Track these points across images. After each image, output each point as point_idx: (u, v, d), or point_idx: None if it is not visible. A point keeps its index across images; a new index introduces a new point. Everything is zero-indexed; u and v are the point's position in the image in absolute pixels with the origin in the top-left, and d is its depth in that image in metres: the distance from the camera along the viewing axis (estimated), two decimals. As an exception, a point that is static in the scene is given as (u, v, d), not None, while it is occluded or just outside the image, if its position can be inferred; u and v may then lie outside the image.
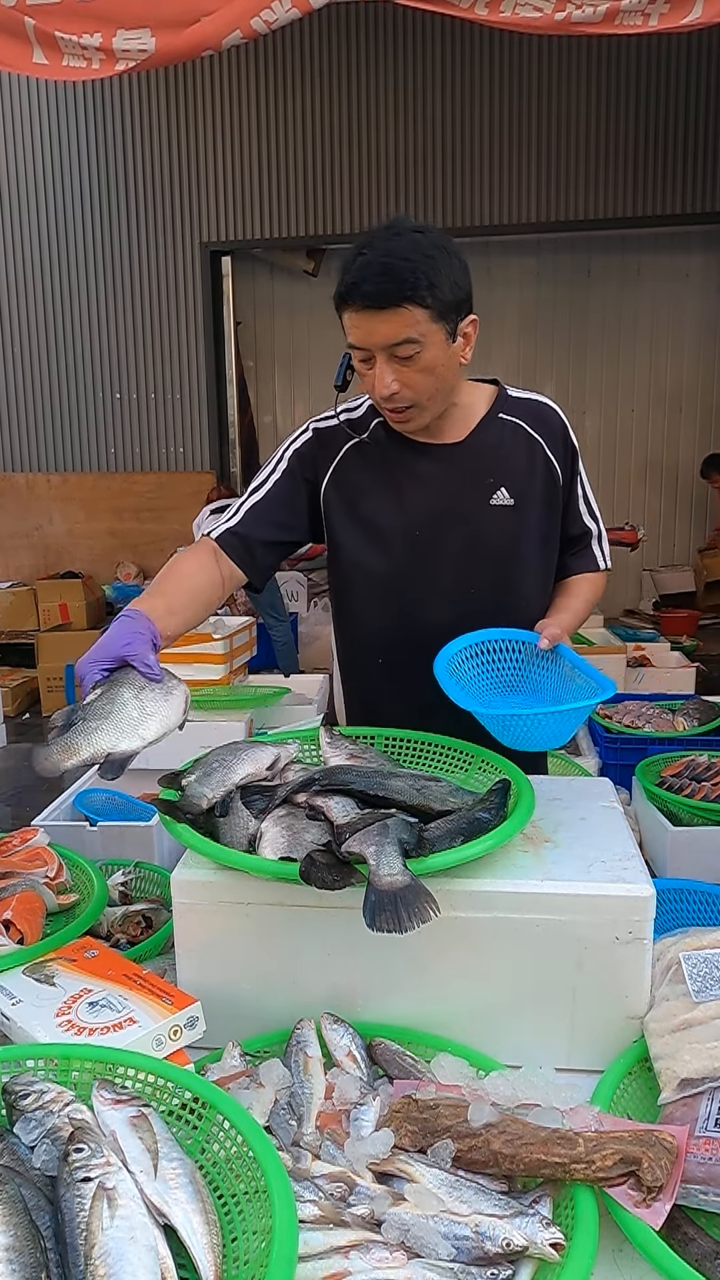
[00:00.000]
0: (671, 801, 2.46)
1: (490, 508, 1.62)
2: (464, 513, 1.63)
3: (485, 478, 1.63)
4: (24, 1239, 0.79)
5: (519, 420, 1.65)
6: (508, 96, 7.03)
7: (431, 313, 1.45)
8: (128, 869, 1.78)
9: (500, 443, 1.64)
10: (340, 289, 1.47)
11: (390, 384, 1.49)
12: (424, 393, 1.52)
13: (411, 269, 1.42)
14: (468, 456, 1.63)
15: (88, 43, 3.45)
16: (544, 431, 1.65)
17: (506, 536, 1.63)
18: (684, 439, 8.17)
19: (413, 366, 1.48)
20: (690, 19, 3.12)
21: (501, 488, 1.62)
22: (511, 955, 1.17)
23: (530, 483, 1.64)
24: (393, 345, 1.46)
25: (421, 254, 1.44)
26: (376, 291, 1.43)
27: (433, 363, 1.49)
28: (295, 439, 1.72)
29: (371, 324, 1.46)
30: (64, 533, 8.00)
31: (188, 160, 7.39)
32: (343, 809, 1.26)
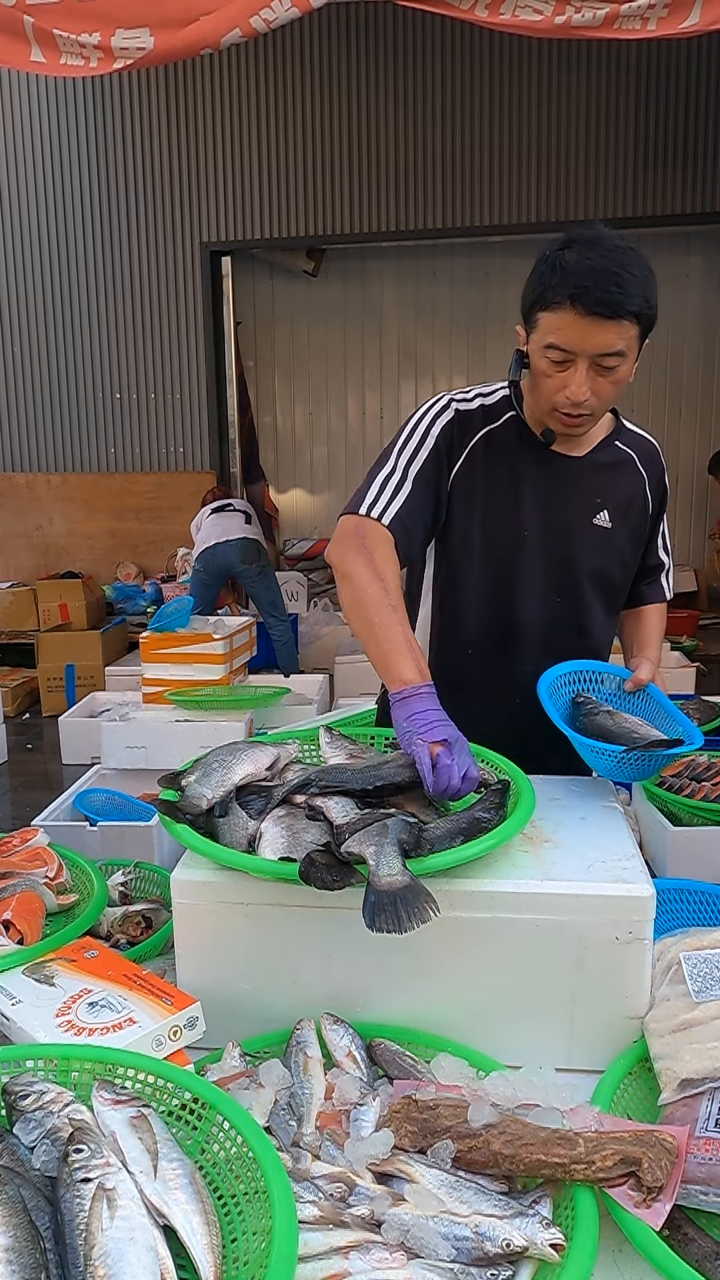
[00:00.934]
0: (671, 801, 2.45)
1: (592, 525, 1.69)
2: (569, 525, 1.69)
3: (594, 497, 1.69)
4: (24, 1239, 0.79)
5: (632, 452, 1.73)
6: (508, 97, 7.02)
7: (640, 329, 1.48)
8: (128, 869, 1.78)
9: (613, 468, 1.71)
10: (562, 289, 1.45)
11: (584, 391, 1.50)
12: (606, 404, 1.57)
13: (639, 284, 1.44)
14: (584, 473, 1.69)
15: (86, 41, 3.44)
16: (649, 469, 1.75)
17: (598, 555, 1.70)
18: (684, 439, 8.16)
19: (608, 378, 1.51)
20: (688, 24, 3.13)
21: (605, 510, 1.69)
22: (511, 955, 1.17)
23: (628, 512, 1.72)
24: (603, 355, 1.47)
25: (645, 270, 1.47)
26: (608, 299, 1.42)
27: (624, 377, 1.53)
28: (438, 415, 1.68)
29: (590, 330, 1.45)
30: (64, 533, 8.00)
31: (188, 160, 7.38)
32: (342, 809, 1.26)
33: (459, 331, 8.06)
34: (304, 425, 8.71)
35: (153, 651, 3.59)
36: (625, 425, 1.76)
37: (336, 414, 8.56)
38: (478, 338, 7.98)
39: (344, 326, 8.25)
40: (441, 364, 8.13)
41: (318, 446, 8.76)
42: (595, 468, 1.69)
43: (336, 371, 8.43)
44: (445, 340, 8.11)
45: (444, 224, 7.21)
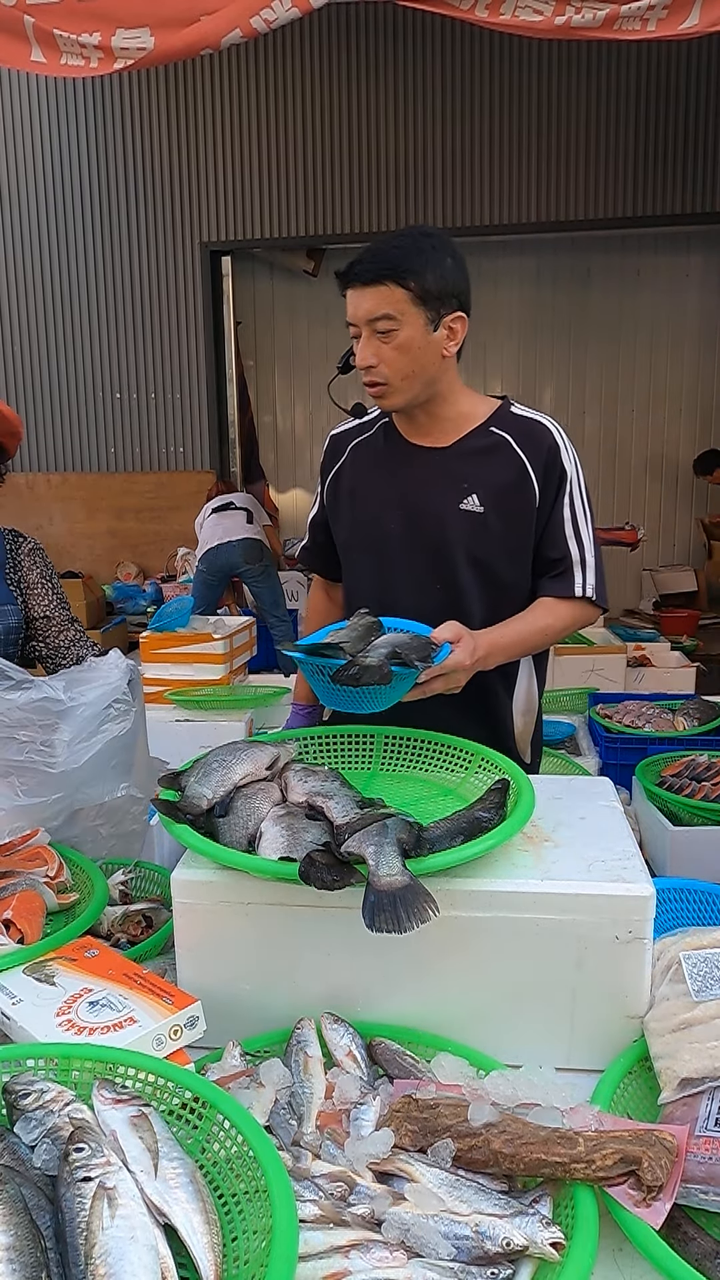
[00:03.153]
0: (671, 801, 2.46)
1: (459, 511, 1.72)
2: (436, 513, 1.74)
3: (460, 482, 1.73)
4: (24, 1238, 0.79)
5: (508, 436, 1.74)
6: (508, 97, 7.02)
7: (411, 295, 1.60)
8: (128, 869, 1.78)
9: (483, 452, 1.73)
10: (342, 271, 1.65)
11: (369, 357, 1.64)
12: (398, 371, 1.65)
13: (401, 253, 1.60)
14: (449, 461, 1.74)
15: (86, 41, 3.44)
16: (530, 450, 1.73)
17: (466, 540, 1.73)
18: (684, 438, 8.16)
19: (390, 343, 1.63)
20: (687, 25, 3.14)
21: (474, 494, 1.72)
22: (511, 955, 1.17)
23: (504, 495, 1.72)
24: (373, 320, 1.62)
25: (413, 244, 1.61)
26: (364, 269, 1.61)
27: (408, 343, 1.63)
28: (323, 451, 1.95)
29: (358, 299, 1.63)
30: (64, 533, 8.00)
31: (188, 160, 7.38)
32: (342, 809, 1.26)
33: (459, 331, 8.05)
34: (304, 425, 8.71)
35: (153, 651, 3.59)
36: (510, 410, 1.78)
37: (336, 414, 8.55)
38: (478, 338, 7.98)
39: (344, 326, 8.24)
40: (441, 364, 8.12)
41: (318, 446, 8.71)
42: (462, 454, 1.75)
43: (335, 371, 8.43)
44: (445, 340, 8.09)
45: (444, 224, 7.20)
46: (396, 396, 1.68)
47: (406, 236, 1.63)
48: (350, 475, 1.85)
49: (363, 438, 1.86)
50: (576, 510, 1.76)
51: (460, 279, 1.65)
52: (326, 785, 1.33)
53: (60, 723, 1.46)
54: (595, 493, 1.81)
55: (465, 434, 1.74)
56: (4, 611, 2.05)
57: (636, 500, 8.21)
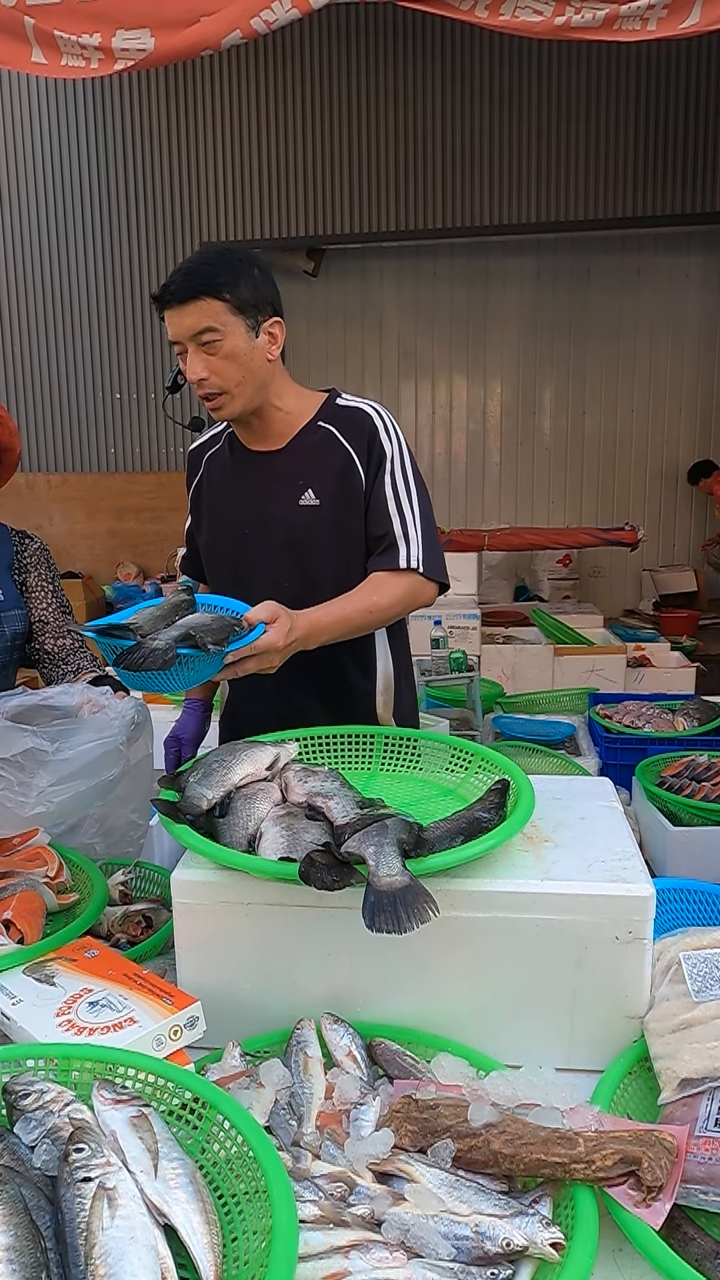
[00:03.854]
0: (671, 801, 2.46)
1: (299, 507, 1.80)
2: (279, 513, 1.82)
3: (297, 480, 1.81)
4: (24, 1239, 0.79)
5: (332, 427, 1.81)
6: (507, 97, 7.02)
7: (229, 306, 1.67)
8: (128, 869, 1.78)
9: (313, 448, 1.81)
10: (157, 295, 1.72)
11: (199, 370, 1.70)
12: (230, 380, 1.72)
13: (211, 268, 1.68)
14: (284, 461, 1.83)
15: (87, 42, 3.44)
16: (352, 436, 1.81)
17: (310, 534, 1.80)
18: (684, 438, 8.15)
19: (216, 354, 1.69)
20: (688, 24, 3.13)
21: (309, 489, 1.80)
22: (511, 955, 1.17)
23: (335, 485, 1.79)
24: (196, 334, 1.68)
25: (221, 259, 1.70)
26: (179, 289, 1.67)
27: (234, 352, 1.70)
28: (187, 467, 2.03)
29: (178, 318, 1.68)
30: (64, 533, 8.00)
31: (188, 160, 7.38)
32: (342, 809, 1.26)
33: (459, 331, 8.05)
34: (304, 425, 8.70)
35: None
36: (335, 403, 1.85)
37: (336, 414, 8.55)
38: (478, 338, 7.98)
39: (344, 326, 8.24)
40: (441, 364, 8.13)
41: (318, 446, 8.75)
42: (295, 453, 1.82)
43: (336, 371, 8.42)
44: (445, 340, 8.10)
45: (444, 224, 7.20)
46: (233, 404, 1.75)
47: (212, 253, 1.72)
48: (207, 487, 1.95)
49: (213, 450, 1.95)
50: (399, 486, 1.80)
51: (270, 288, 1.74)
52: (326, 785, 1.33)
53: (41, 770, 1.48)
54: (595, 492, 1.81)
55: (297, 433, 1.82)
56: (10, 616, 2.05)
57: (636, 500, 8.20)
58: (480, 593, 5.34)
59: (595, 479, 7.97)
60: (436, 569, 1.79)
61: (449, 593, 1.98)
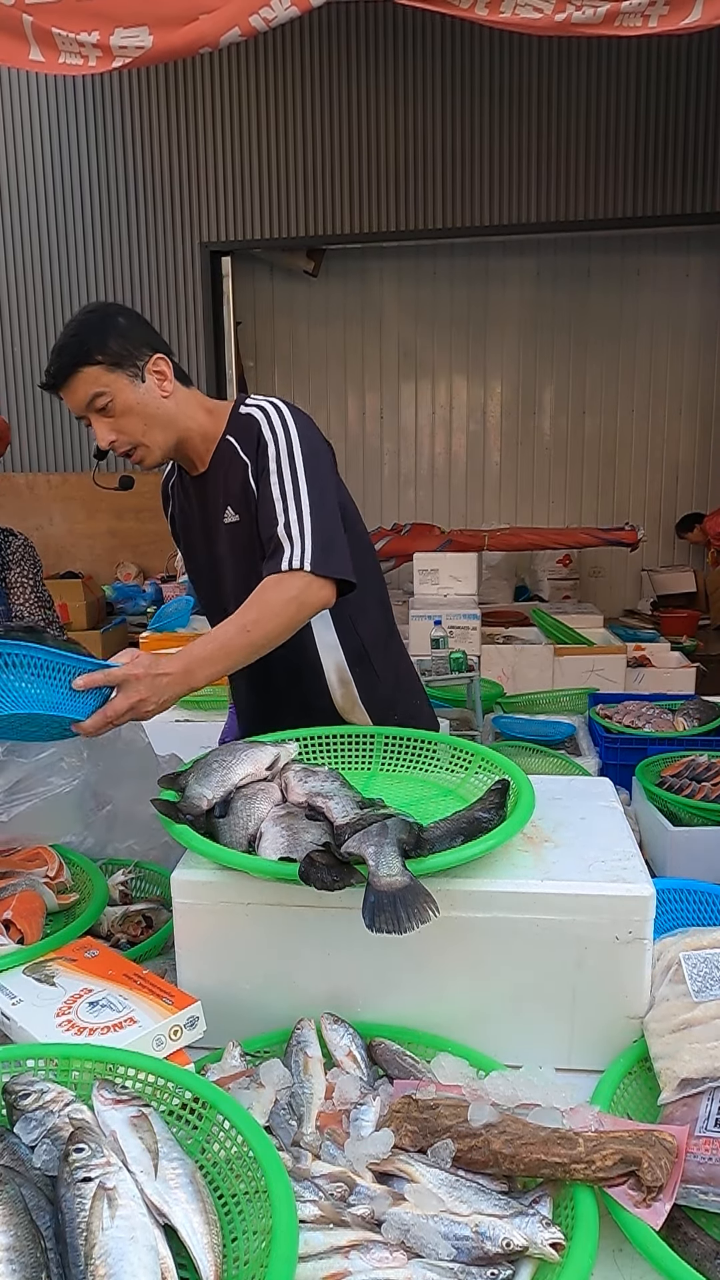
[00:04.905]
0: (671, 801, 2.46)
1: (225, 526, 1.81)
2: (211, 535, 1.87)
3: (218, 499, 1.82)
4: (24, 1239, 0.79)
5: (232, 438, 1.80)
6: (508, 96, 7.02)
7: (104, 366, 1.68)
8: (128, 869, 1.78)
9: (223, 464, 1.81)
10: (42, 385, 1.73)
11: (106, 435, 1.71)
12: (136, 432, 1.72)
13: (76, 340, 1.68)
14: (208, 484, 1.84)
15: (85, 40, 3.44)
16: (243, 441, 1.78)
17: (236, 550, 1.81)
18: (684, 438, 8.15)
19: (114, 414, 1.70)
20: (689, 21, 3.12)
21: (228, 506, 1.79)
22: (511, 955, 1.17)
23: (243, 498, 1.77)
24: (89, 403, 1.69)
25: (81, 325, 1.70)
26: (57, 370, 1.68)
27: (128, 406, 1.70)
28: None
29: (69, 396, 1.70)
30: (64, 533, 8.00)
31: (188, 160, 7.38)
32: (342, 809, 1.26)
33: (459, 331, 8.05)
34: (304, 425, 8.69)
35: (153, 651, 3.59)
36: (238, 411, 1.81)
37: (336, 414, 8.55)
38: (478, 338, 7.98)
39: (344, 326, 8.24)
40: (441, 364, 8.13)
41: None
42: (214, 473, 1.83)
43: (336, 371, 8.43)
44: (445, 340, 8.10)
45: (444, 224, 7.20)
46: (152, 453, 1.76)
47: (74, 323, 1.71)
48: (177, 517, 2.01)
49: (172, 480, 2.00)
50: (285, 480, 1.69)
51: (140, 329, 1.75)
52: (326, 785, 1.33)
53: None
54: (595, 492, 1.81)
55: (213, 452, 1.83)
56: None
57: (636, 500, 8.20)
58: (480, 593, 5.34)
59: (595, 479, 7.96)
60: (331, 565, 1.61)
61: (450, 593, 1.97)
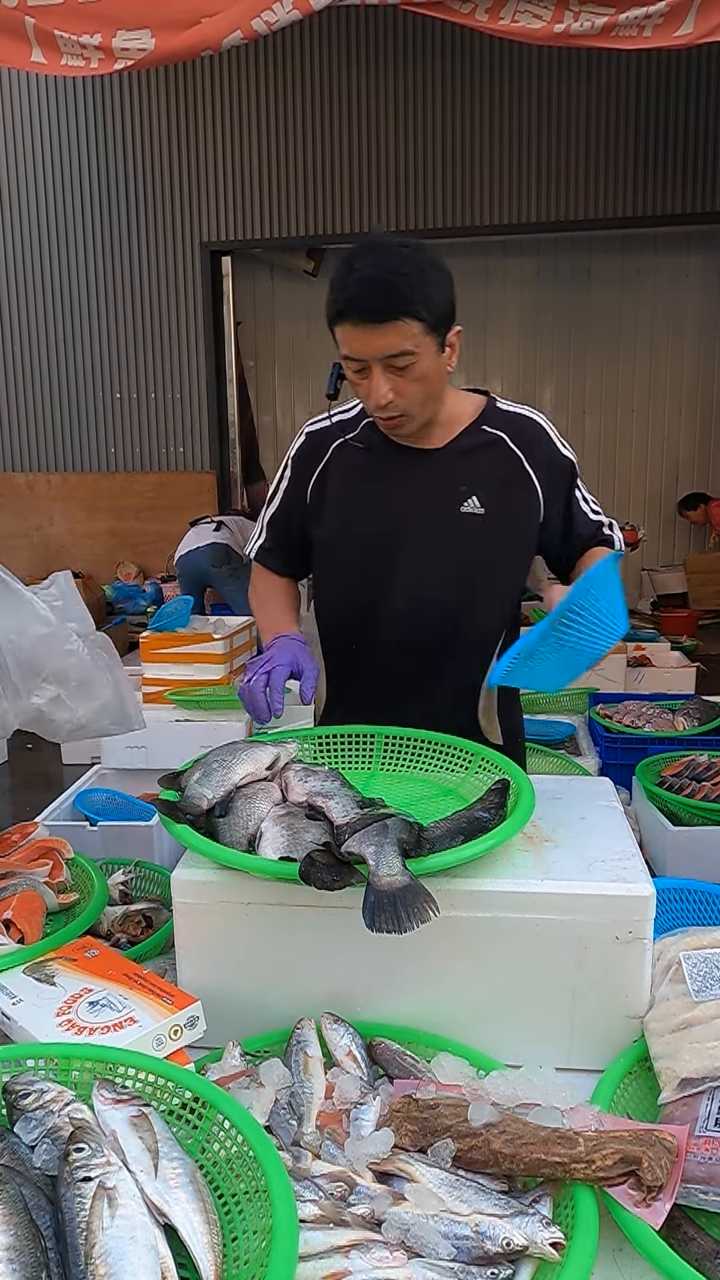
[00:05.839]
0: (671, 801, 2.46)
1: (461, 514, 1.70)
2: (433, 515, 1.71)
3: (458, 485, 1.70)
4: (24, 1238, 0.79)
5: (501, 433, 1.72)
6: (508, 97, 7.03)
7: (425, 325, 1.52)
8: (128, 868, 1.78)
9: (478, 452, 1.71)
10: (336, 305, 1.53)
11: (386, 394, 1.56)
12: (415, 401, 1.59)
13: (407, 283, 1.49)
14: (444, 463, 1.71)
15: (87, 42, 3.44)
16: (526, 446, 1.71)
17: (471, 542, 1.70)
18: (684, 438, 8.17)
19: (407, 376, 1.55)
20: (681, 33, 3.16)
21: (474, 496, 1.70)
22: (511, 955, 1.17)
23: (505, 495, 1.70)
24: (389, 357, 1.53)
25: (415, 269, 1.51)
26: (374, 306, 1.49)
27: (425, 373, 1.56)
28: (294, 446, 1.82)
29: (368, 337, 1.52)
30: (64, 533, 8.00)
31: (188, 160, 7.38)
32: (342, 809, 1.26)
33: (459, 331, 8.06)
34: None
35: (153, 651, 3.58)
36: (498, 407, 1.75)
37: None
38: (478, 337, 7.98)
39: (344, 326, 8.25)
40: (441, 364, 8.13)
41: (318, 446, 8.75)
42: (457, 455, 1.70)
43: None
44: (445, 340, 8.10)
45: (444, 224, 7.21)
46: (412, 424, 1.64)
47: (405, 261, 1.52)
48: (338, 478, 1.76)
49: (345, 438, 1.76)
50: (584, 489, 1.78)
51: (453, 292, 1.59)
52: (326, 785, 1.33)
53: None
54: (595, 493, 1.82)
55: (457, 434, 1.71)
56: None
57: (636, 500, 8.21)
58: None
59: (595, 478, 7.97)
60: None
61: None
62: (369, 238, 1.59)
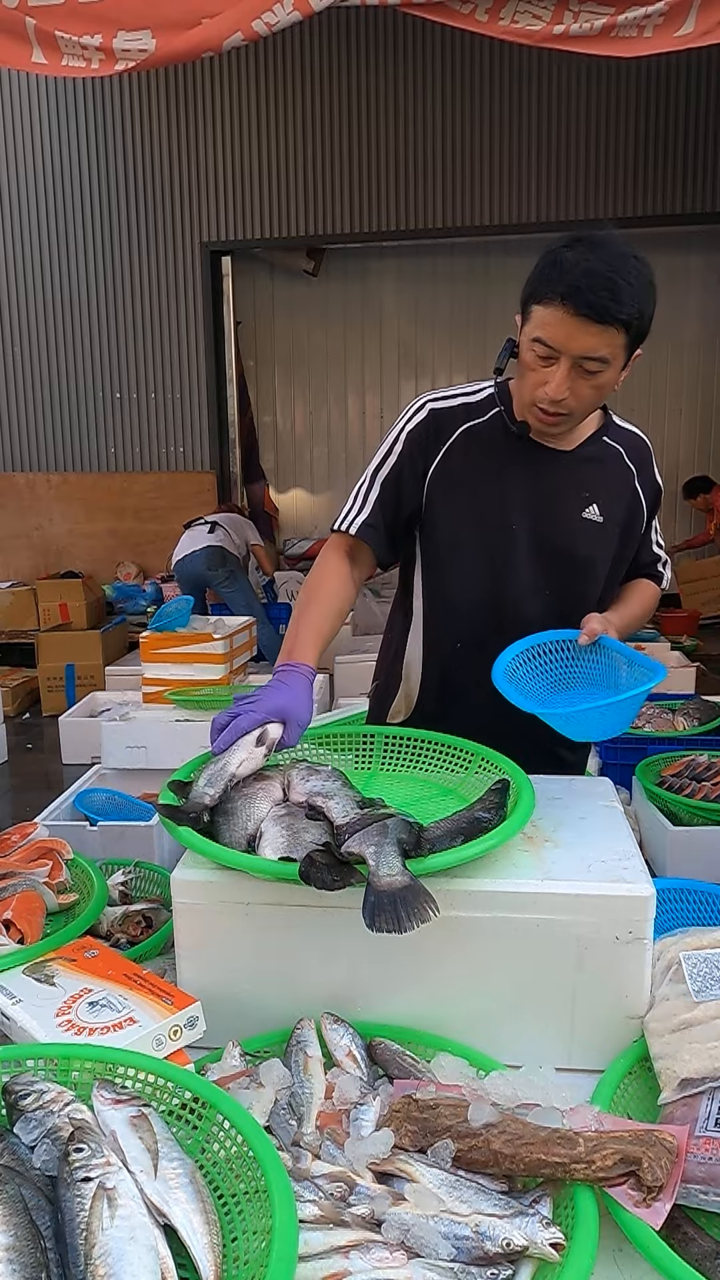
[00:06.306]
0: (671, 801, 2.46)
1: (582, 520, 1.69)
2: (558, 517, 1.69)
3: (582, 491, 1.69)
4: (24, 1239, 0.79)
5: (620, 447, 1.73)
6: (508, 96, 7.03)
7: (628, 338, 1.49)
8: (128, 869, 1.78)
9: (601, 462, 1.71)
10: (557, 287, 1.46)
11: (562, 389, 1.52)
12: (585, 406, 1.58)
13: (633, 294, 1.45)
14: (571, 467, 1.69)
15: (88, 43, 3.45)
16: (638, 464, 1.74)
17: (589, 549, 1.71)
18: (684, 438, 8.17)
19: (591, 381, 1.52)
20: (682, 33, 3.16)
21: (595, 504, 1.70)
22: (511, 955, 1.17)
23: (618, 506, 1.72)
24: (587, 358, 1.49)
25: (640, 279, 1.47)
26: (599, 304, 1.44)
27: (607, 383, 1.54)
28: (410, 419, 1.72)
29: (577, 330, 1.46)
30: (64, 533, 8.01)
31: (188, 160, 7.39)
32: (342, 809, 1.26)
33: (459, 331, 8.06)
34: (304, 425, 8.71)
35: (153, 651, 3.59)
36: (614, 420, 1.76)
37: (336, 413, 8.56)
38: (478, 337, 7.99)
39: (344, 326, 8.25)
40: (441, 363, 8.14)
41: (318, 446, 8.77)
42: (582, 461, 1.69)
43: (336, 371, 8.43)
44: (445, 340, 8.11)
45: (444, 224, 7.22)
46: (569, 425, 1.62)
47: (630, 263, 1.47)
48: (463, 462, 1.69)
49: (476, 422, 1.69)
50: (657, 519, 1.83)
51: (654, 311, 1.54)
52: (327, 785, 1.33)
53: None
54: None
55: (582, 441, 1.70)
56: None
57: (636, 500, 8.21)
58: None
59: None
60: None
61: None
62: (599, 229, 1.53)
